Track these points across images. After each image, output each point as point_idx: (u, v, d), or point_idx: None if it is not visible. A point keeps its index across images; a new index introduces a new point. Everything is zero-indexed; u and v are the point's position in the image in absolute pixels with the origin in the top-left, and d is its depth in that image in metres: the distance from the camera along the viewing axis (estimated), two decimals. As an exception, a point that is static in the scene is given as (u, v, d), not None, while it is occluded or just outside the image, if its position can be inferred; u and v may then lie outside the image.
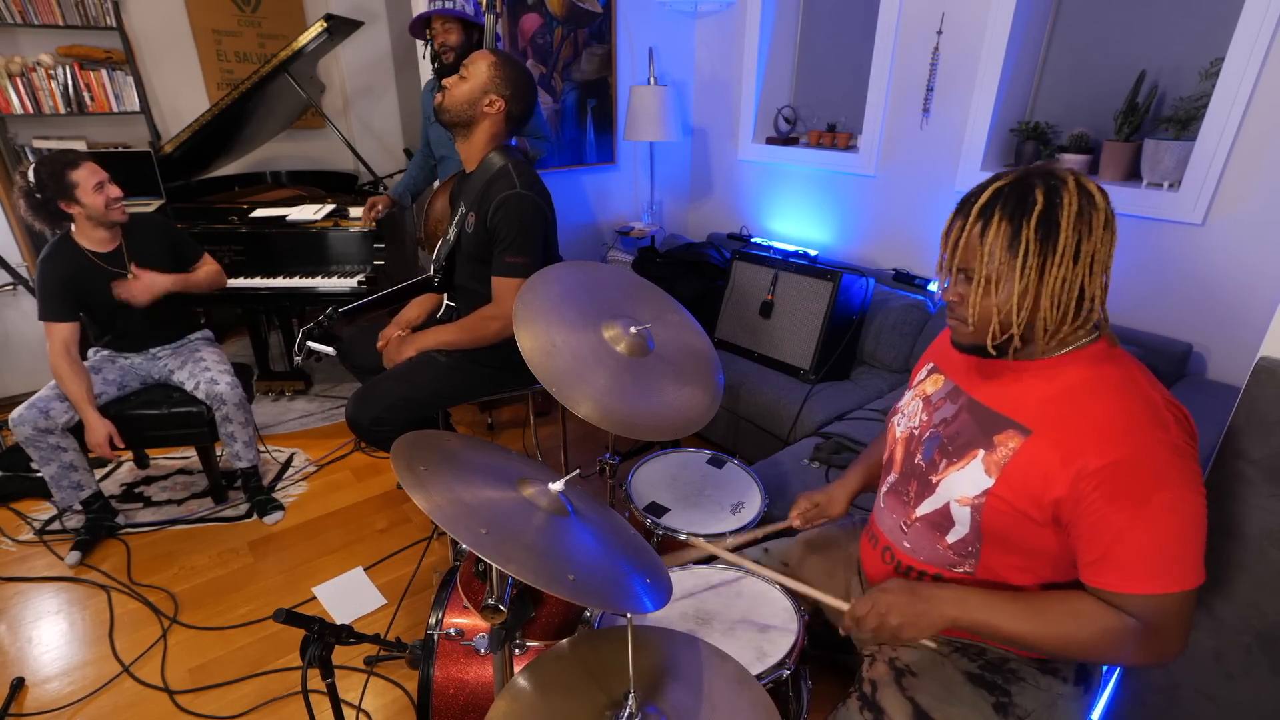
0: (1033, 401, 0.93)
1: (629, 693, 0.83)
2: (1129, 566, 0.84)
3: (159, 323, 2.21)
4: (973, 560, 1.00)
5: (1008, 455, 0.92)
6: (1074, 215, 0.84)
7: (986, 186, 0.90)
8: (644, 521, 1.50)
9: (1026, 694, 1.00)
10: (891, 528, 1.11)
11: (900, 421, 1.14)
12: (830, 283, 2.35)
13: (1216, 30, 1.85)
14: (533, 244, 1.72)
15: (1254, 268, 1.82)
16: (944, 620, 0.94)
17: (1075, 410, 0.89)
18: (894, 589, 0.99)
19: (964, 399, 1.03)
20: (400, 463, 0.91)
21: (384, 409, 1.78)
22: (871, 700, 1.02)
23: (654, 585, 0.99)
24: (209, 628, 1.87)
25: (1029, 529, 0.92)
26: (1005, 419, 0.95)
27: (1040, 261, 0.85)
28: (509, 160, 1.74)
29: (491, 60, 1.70)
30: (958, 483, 0.98)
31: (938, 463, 1.02)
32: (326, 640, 1.09)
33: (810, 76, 3.09)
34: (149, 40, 3.33)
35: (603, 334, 1.36)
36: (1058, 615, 0.90)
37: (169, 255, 2.18)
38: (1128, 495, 0.83)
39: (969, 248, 0.90)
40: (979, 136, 2.32)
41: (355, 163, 3.43)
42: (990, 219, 0.87)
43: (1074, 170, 0.88)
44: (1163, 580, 0.83)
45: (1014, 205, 0.86)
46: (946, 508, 0.99)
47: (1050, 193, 0.85)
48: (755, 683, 0.94)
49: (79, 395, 1.98)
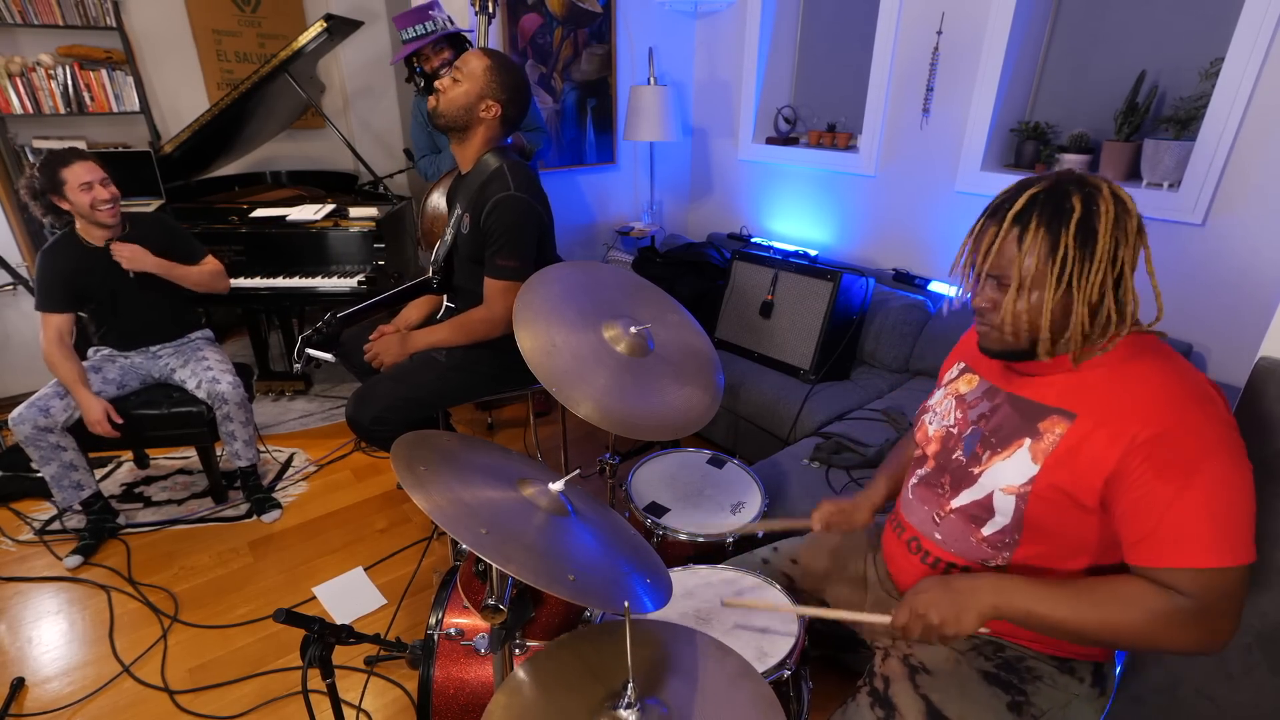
0: (1074, 389, 0.93)
1: (628, 682, 0.83)
2: (1181, 539, 0.81)
3: (159, 321, 2.22)
4: (1007, 553, 0.99)
5: (1054, 441, 0.92)
6: (1111, 222, 0.84)
7: (1020, 192, 0.89)
8: (644, 521, 1.50)
9: (1042, 693, 1.00)
10: (923, 519, 1.10)
11: (933, 420, 1.13)
12: (830, 283, 2.35)
13: (1216, 30, 1.85)
14: (525, 247, 1.72)
15: (1254, 268, 1.82)
16: (987, 609, 0.91)
17: (1119, 388, 0.88)
18: (928, 588, 0.97)
19: (1002, 395, 1.02)
20: (400, 463, 0.91)
21: (384, 409, 1.78)
22: (884, 696, 1.01)
23: (654, 585, 0.99)
24: (209, 627, 1.87)
25: (1074, 516, 0.91)
26: (1048, 407, 0.94)
27: (1079, 268, 0.85)
28: (504, 161, 1.73)
29: (486, 63, 1.66)
30: (1003, 472, 0.97)
31: (980, 455, 1.01)
32: (326, 640, 1.09)
33: (810, 76, 3.09)
34: (149, 40, 3.33)
35: (603, 334, 1.36)
36: (1104, 599, 0.86)
37: (164, 254, 2.16)
38: (1177, 466, 0.81)
39: (1004, 254, 0.89)
40: (979, 137, 2.32)
41: (355, 163, 3.43)
42: (1028, 226, 0.87)
43: (1106, 178, 0.89)
44: (1217, 553, 0.80)
45: (1051, 212, 0.86)
46: (989, 498, 0.98)
47: (1087, 199, 0.85)
48: (758, 677, 0.93)
49: (71, 377, 2.00)
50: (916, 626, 0.95)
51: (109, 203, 1.99)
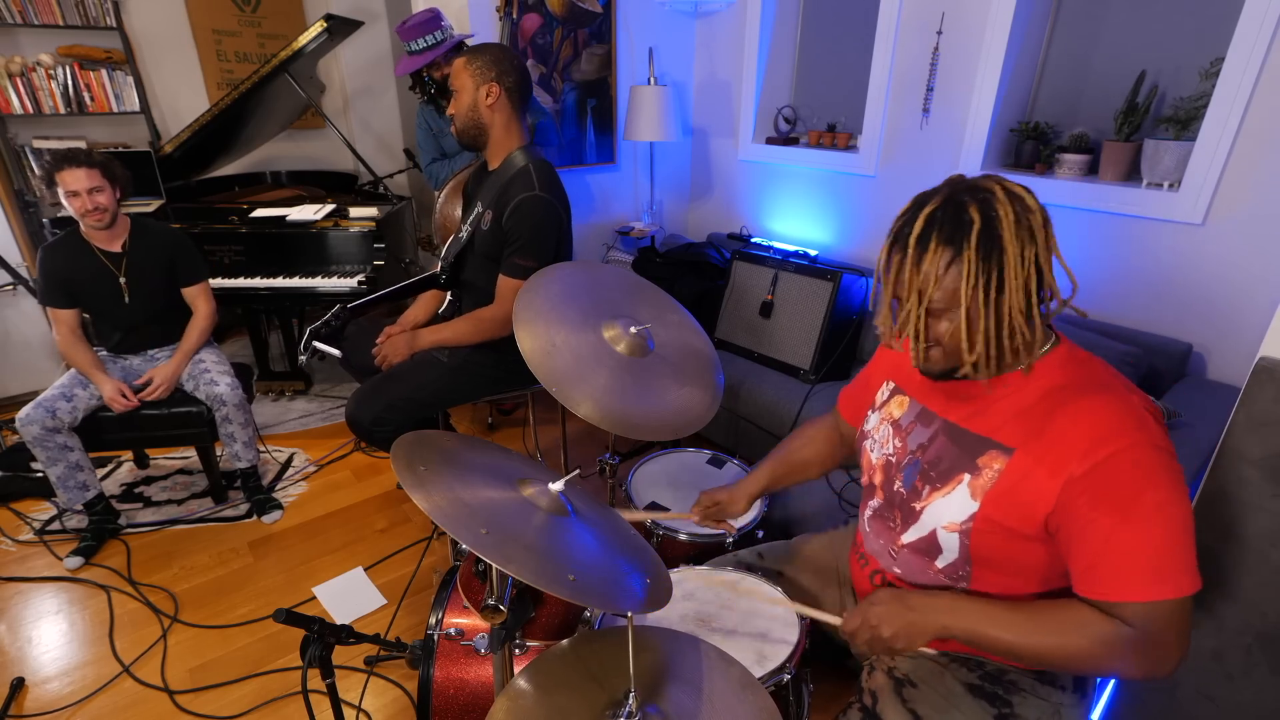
0: (1009, 418, 0.92)
1: (630, 692, 0.83)
2: (1121, 573, 0.82)
3: (158, 325, 2.22)
4: (964, 583, 0.99)
5: (993, 477, 0.91)
6: (1013, 225, 0.82)
7: (916, 214, 0.87)
8: (644, 521, 1.50)
9: (1028, 704, 0.99)
10: (879, 551, 1.10)
11: (873, 447, 1.12)
12: (830, 283, 2.35)
13: (1216, 30, 1.84)
14: (544, 248, 1.72)
15: (1254, 268, 1.82)
16: (936, 629, 0.93)
17: (1053, 420, 0.87)
18: (883, 600, 0.98)
19: (938, 423, 1.01)
20: (400, 463, 0.91)
21: (384, 409, 1.79)
22: (873, 712, 1.01)
23: (654, 585, 0.99)
24: (209, 627, 1.87)
25: (1019, 546, 0.91)
26: (986, 440, 0.93)
27: (988, 280, 0.83)
28: (530, 160, 1.74)
29: (463, 60, 1.70)
30: (943, 509, 0.96)
31: (920, 489, 1.00)
32: (326, 640, 1.09)
33: (810, 76, 3.09)
34: (149, 40, 3.33)
35: (603, 334, 1.36)
36: (1054, 624, 0.87)
37: (165, 269, 2.16)
38: (1115, 499, 0.82)
39: (912, 281, 0.86)
40: (979, 136, 2.32)
41: (355, 163, 3.43)
42: (928, 248, 0.84)
43: (996, 177, 0.86)
44: (1157, 587, 0.81)
45: (950, 230, 0.83)
46: (933, 535, 0.98)
47: (984, 207, 0.83)
48: (760, 687, 0.93)
49: (87, 363, 2.07)
50: (865, 634, 0.96)
51: (95, 213, 1.97)
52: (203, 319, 2.25)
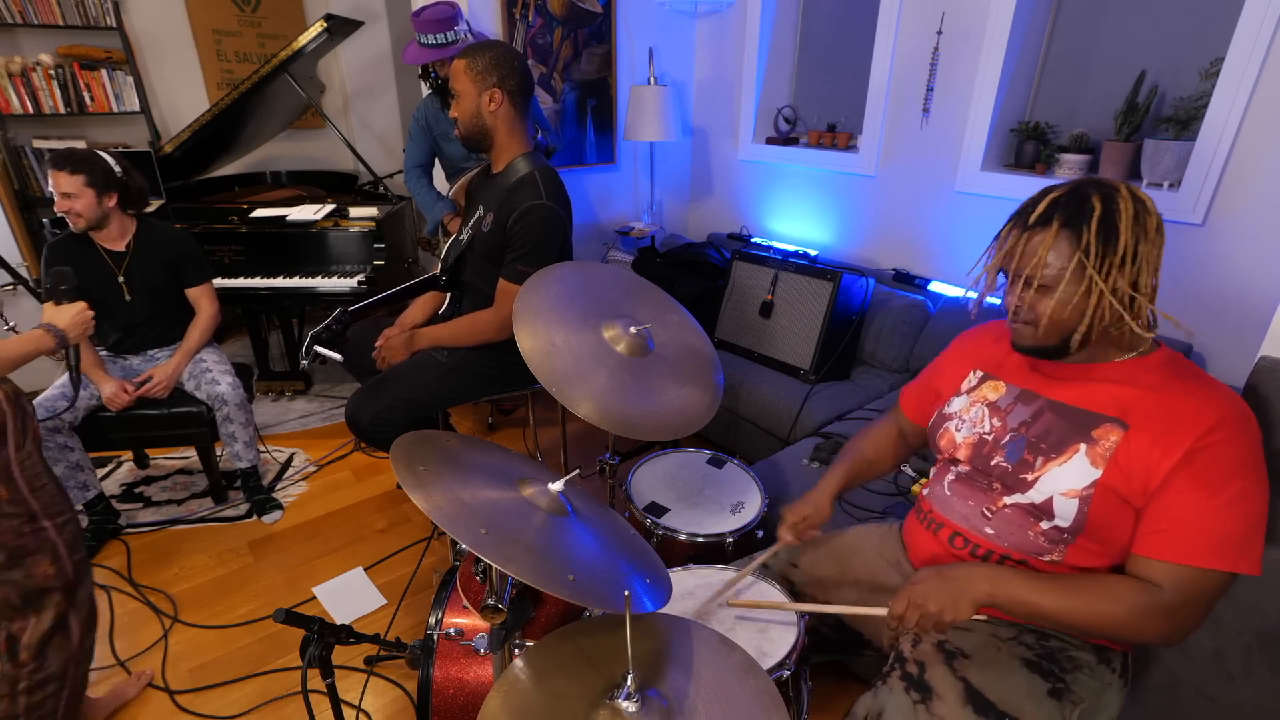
0: (1119, 399, 0.96)
1: (628, 674, 0.83)
2: (1190, 540, 0.88)
3: (158, 325, 2.22)
4: (1062, 548, 1.00)
5: (1111, 447, 0.95)
6: (1131, 219, 0.88)
7: (1042, 197, 0.94)
8: (644, 521, 1.50)
9: (1081, 682, 1.01)
10: (968, 514, 1.10)
11: (960, 427, 1.13)
12: (830, 283, 2.35)
13: (1216, 30, 1.84)
14: (548, 255, 1.72)
15: (1254, 268, 1.82)
16: (981, 596, 0.96)
17: (1165, 405, 0.93)
18: (923, 578, 1.01)
19: (1041, 401, 1.04)
20: (400, 463, 0.91)
21: (384, 409, 1.78)
22: (919, 680, 1.01)
23: (654, 585, 0.99)
24: (209, 627, 1.87)
25: (1126, 515, 0.95)
26: (1098, 415, 0.97)
27: (1101, 263, 0.89)
28: (535, 167, 1.74)
29: (463, 63, 1.67)
30: (1061, 476, 0.98)
31: (1031, 461, 1.02)
32: (326, 640, 1.09)
33: (810, 76, 3.09)
34: (149, 40, 3.33)
35: (603, 334, 1.36)
36: (1095, 593, 0.93)
37: (168, 270, 2.16)
38: (1209, 477, 0.88)
39: (1028, 254, 0.93)
40: (979, 136, 2.32)
41: (355, 163, 3.43)
42: (1049, 226, 0.91)
43: (1124, 181, 0.93)
44: (1216, 558, 0.87)
45: (1072, 212, 0.90)
46: (1049, 502, 0.99)
47: (1106, 199, 0.89)
48: (761, 670, 0.92)
49: (88, 363, 2.07)
50: (914, 615, 0.98)
51: (71, 215, 1.97)
52: (206, 319, 2.25)
